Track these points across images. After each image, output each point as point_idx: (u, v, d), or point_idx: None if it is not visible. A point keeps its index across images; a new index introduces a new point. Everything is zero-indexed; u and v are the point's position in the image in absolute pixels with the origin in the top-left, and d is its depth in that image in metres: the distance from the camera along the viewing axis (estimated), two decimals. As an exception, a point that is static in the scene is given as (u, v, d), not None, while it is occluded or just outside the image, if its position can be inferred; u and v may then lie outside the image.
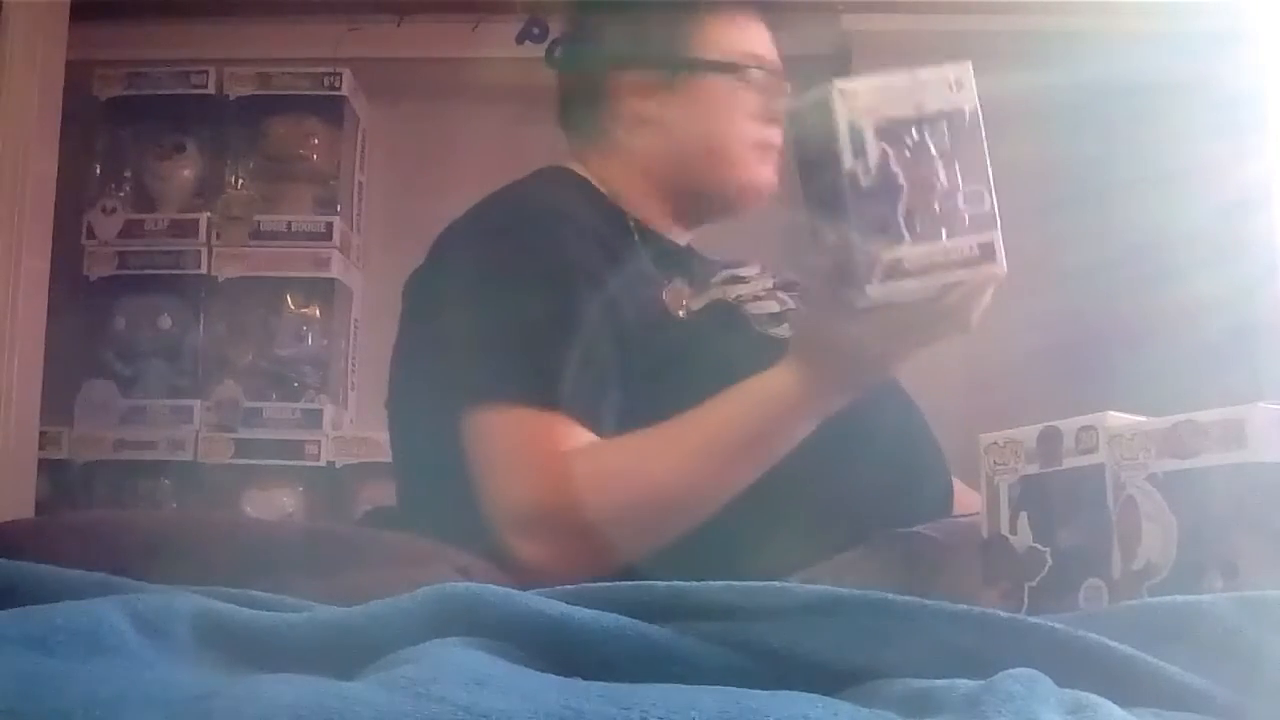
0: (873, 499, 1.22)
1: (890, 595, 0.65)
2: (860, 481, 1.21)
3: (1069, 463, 0.94)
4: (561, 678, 0.55)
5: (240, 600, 0.68)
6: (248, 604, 0.68)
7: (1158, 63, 2.39)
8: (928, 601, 0.65)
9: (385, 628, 0.64)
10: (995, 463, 0.99)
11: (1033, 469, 0.96)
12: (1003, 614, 0.66)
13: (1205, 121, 2.41)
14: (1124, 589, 0.88)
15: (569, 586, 0.71)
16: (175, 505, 2.55)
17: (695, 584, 0.69)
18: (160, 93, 2.70)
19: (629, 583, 0.71)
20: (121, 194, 2.68)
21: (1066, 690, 0.59)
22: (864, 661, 0.63)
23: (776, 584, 0.68)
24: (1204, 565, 0.86)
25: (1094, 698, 0.58)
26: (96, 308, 2.62)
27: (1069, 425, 0.95)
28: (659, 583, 0.70)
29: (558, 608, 0.64)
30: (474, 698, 0.49)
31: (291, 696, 0.51)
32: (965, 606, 0.65)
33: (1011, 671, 0.58)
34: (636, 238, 1.37)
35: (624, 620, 0.64)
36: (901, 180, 1.01)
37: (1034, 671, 0.58)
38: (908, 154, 1.02)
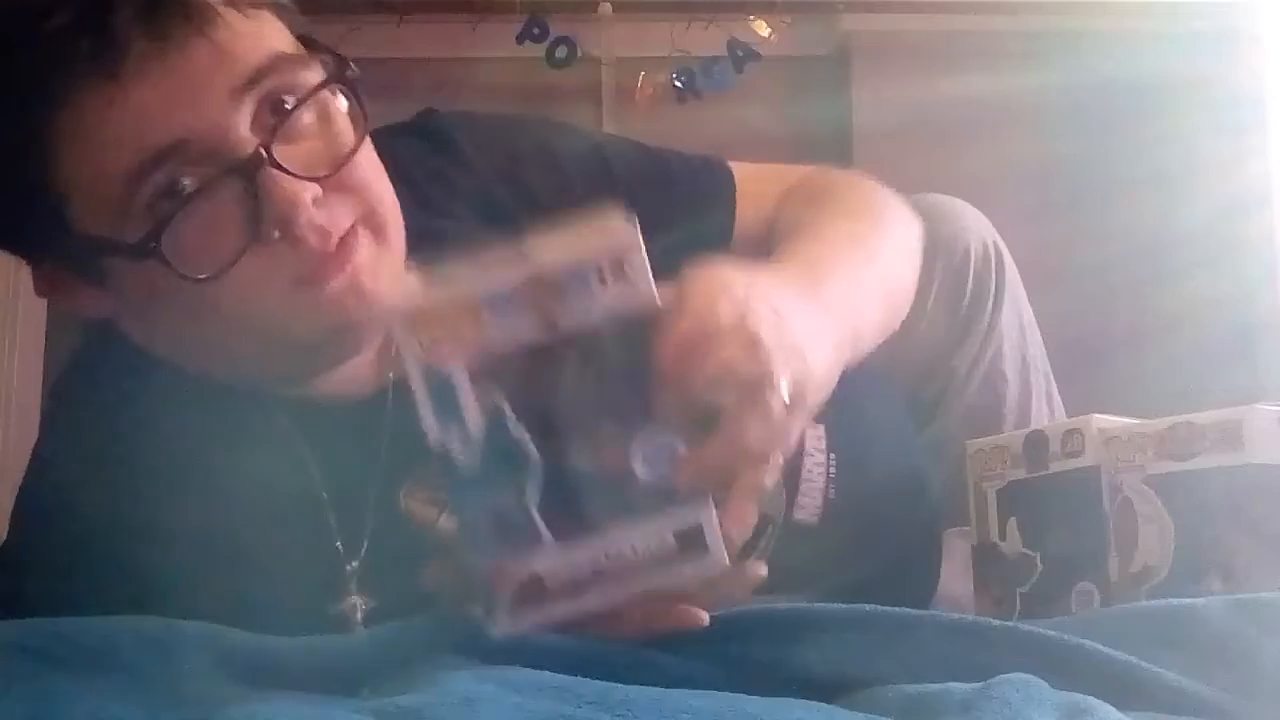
0: None
1: (882, 607, 0.65)
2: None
3: (1055, 467, 0.93)
4: (554, 682, 0.55)
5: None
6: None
7: (1158, 63, 2.39)
8: (920, 612, 0.65)
9: (386, 652, 0.64)
10: (982, 469, 0.98)
11: (1020, 474, 0.96)
12: (995, 622, 0.66)
13: (1205, 121, 2.42)
14: (1121, 592, 0.88)
15: None
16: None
17: None
18: (160, 92, 2.69)
19: None
20: (122, 194, 2.68)
21: (1063, 694, 0.59)
22: (858, 673, 0.63)
23: (762, 605, 0.67)
24: (1202, 568, 0.85)
25: (1091, 700, 0.58)
26: (97, 308, 2.62)
27: (1054, 429, 0.95)
28: None
29: (552, 637, 0.64)
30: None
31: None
32: (958, 615, 0.65)
33: (1007, 676, 0.58)
34: None
35: (620, 644, 0.64)
36: (529, 448, 0.64)
37: (1029, 676, 0.58)
38: (539, 398, 0.65)
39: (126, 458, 0.82)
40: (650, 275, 0.64)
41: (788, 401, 0.66)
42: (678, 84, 2.76)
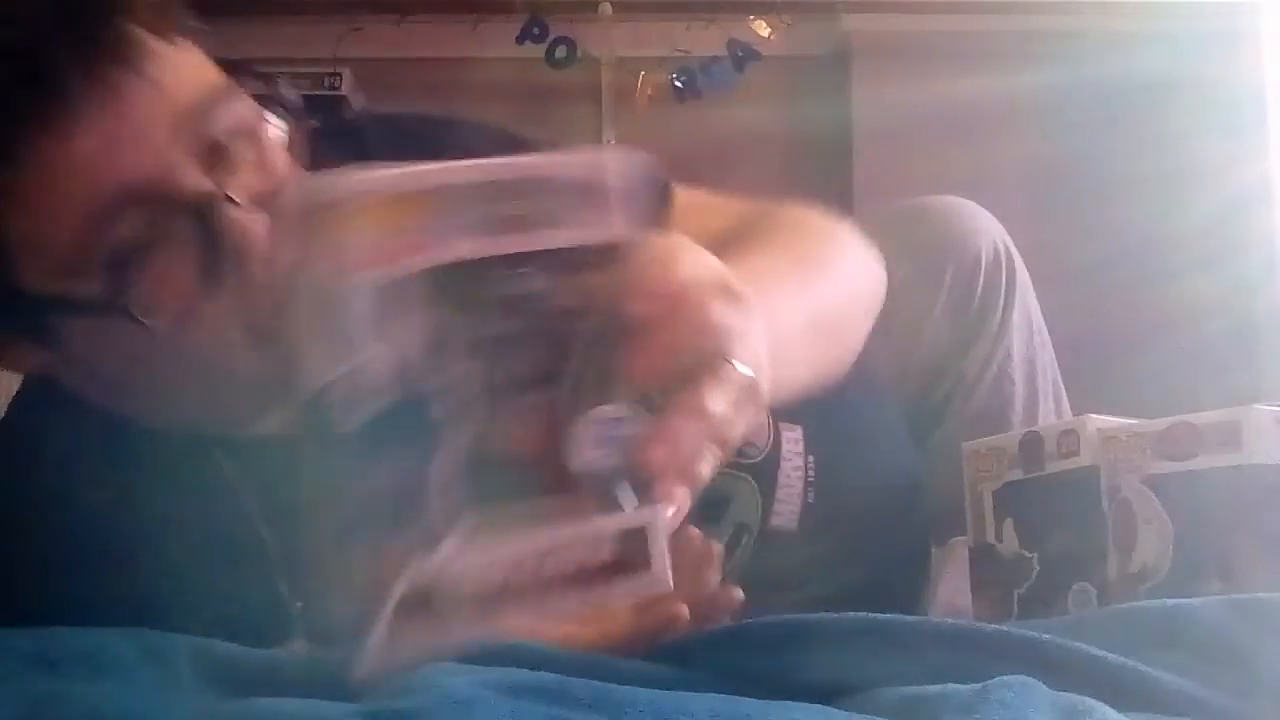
0: None
1: (875, 615, 0.65)
2: None
3: (1052, 467, 0.93)
4: (551, 685, 0.55)
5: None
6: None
7: (1158, 63, 2.39)
8: (914, 618, 0.65)
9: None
10: (978, 470, 0.98)
11: (1016, 475, 0.96)
12: (990, 626, 0.65)
13: (1205, 121, 2.42)
14: (1120, 592, 0.88)
15: None
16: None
17: None
18: (160, 93, 2.69)
19: None
20: (121, 194, 2.68)
21: (1062, 695, 0.59)
22: (854, 680, 0.63)
23: (751, 621, 0.67)
24: (1201, 568, 0.85)
25: (1090, 701, 0.57)
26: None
27: (1050, 430, 0.95)
28: None
29: (551, 648, 0.64)
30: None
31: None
32: (952, 620, 0.65)
33: (1005, 678, 0.58)
34: None
35: (616, 658, 0.64)
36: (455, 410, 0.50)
37: (1027, 678, 0.58)
38: None
39: (63, 497, 0.79)
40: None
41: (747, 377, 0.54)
42: (678, 84, 2.77)
